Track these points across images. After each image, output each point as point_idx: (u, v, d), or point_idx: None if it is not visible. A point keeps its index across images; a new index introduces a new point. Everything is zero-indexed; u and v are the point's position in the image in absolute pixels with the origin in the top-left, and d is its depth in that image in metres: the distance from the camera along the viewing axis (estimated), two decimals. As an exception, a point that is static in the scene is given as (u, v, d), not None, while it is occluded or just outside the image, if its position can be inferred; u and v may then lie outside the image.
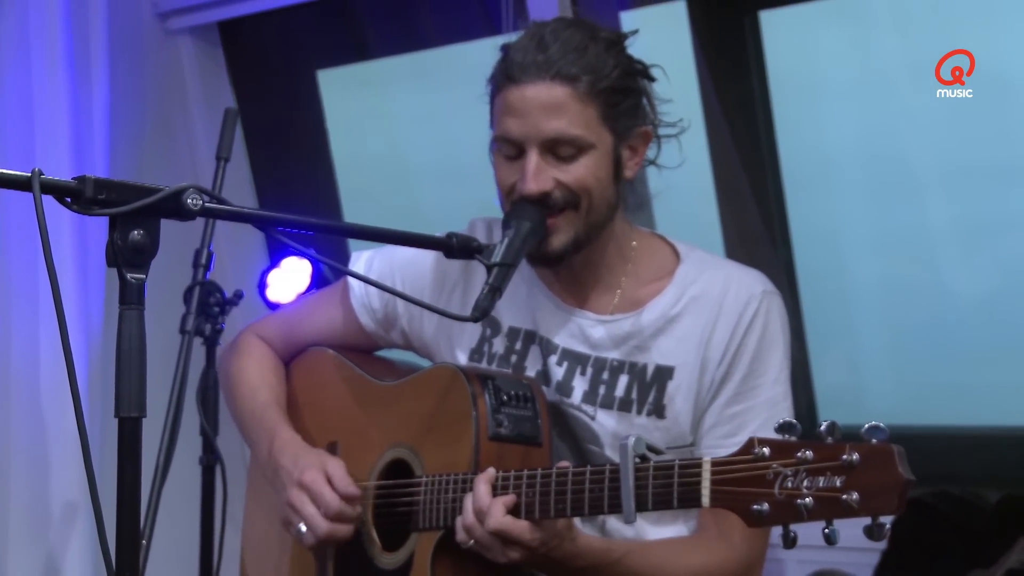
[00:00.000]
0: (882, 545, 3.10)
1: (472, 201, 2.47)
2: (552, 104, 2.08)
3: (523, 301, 2.28)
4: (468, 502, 1.98)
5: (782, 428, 1.72)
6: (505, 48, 2.16)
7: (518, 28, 2.21)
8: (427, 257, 2.34)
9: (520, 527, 1.93)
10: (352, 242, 3.89)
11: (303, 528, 2.17)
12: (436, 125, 4.03)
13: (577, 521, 2.09)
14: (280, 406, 2.41)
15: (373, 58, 4.11)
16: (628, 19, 3.41)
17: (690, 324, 2.18)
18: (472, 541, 1.98)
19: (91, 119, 3.64)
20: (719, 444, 2.12)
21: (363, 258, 2.42)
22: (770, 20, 3.44)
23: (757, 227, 3.54)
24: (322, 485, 2.17)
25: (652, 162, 2.22)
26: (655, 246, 2.29)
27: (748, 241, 3.51)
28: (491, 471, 1.99)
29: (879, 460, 1.65)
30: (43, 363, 3.50)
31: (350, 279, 2.41)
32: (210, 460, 3.23)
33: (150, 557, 2.84)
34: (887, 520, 1.65)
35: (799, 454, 1.69)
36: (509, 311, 2.28)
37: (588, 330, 2.22)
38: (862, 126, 3.49)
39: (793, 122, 3.49)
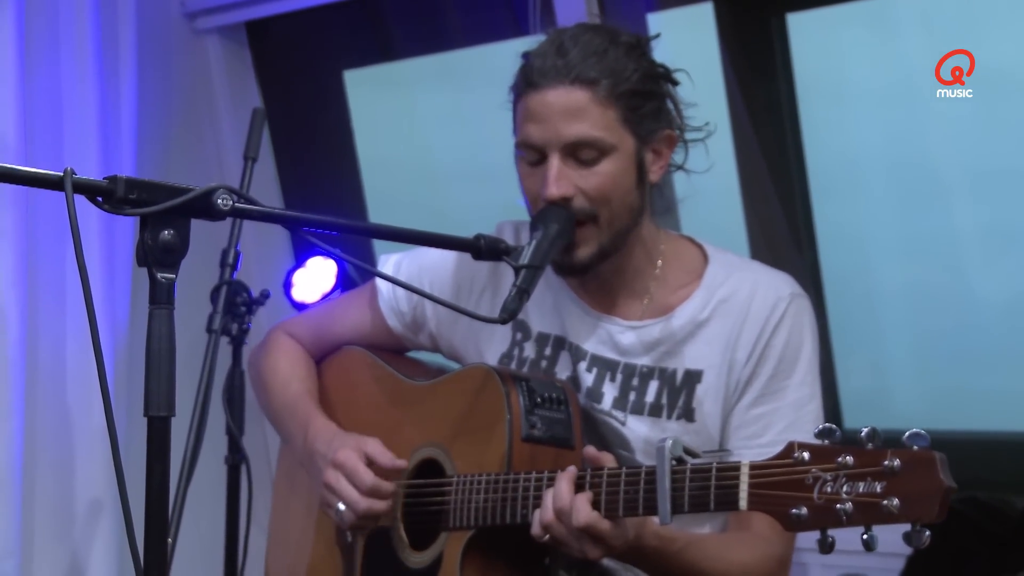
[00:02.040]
0: (908, 550, 3.10)
1: (498, 203, 2.47)
2: (572, 108, 2.09)
3: (551, 307, 2.28)
4: (548, 499, 1.96)
5: (822, 433, 1.71)
6: (526, 55, 2.16)
7: (545, 29, 2.21)
8: (455, 260, 2.34)
9: (605, 524, 1.91)
10: (378, 243, 3.89)
11: (341, 507, 2.18)
12: (462, 126, 4.03)
13: None
14: (313, 397, 2.42)
15: (399, 58, 4.11)
16: (655, 21, 3.41)
17: (718, 328, 2.17)
18: (547, 536, 1.97)
19: (119, 118, 3.65)
20: (744, 445, 2.12)
21: (391, 261, 2.42)
22: (797, 23, 3.43)
23: (783, 230, 3.53)
24: (355, 462, 2.18)
25: (680, 167, 2.22)
26: (683, 249, 2.28)
27: (774, 244, 3.51)
28: (573, 469, 1.97)
29: (921, 467, 1.64)
30: (70, 361, 3.51)
31: (378, 282, 2.42)
32: (236, 459, 3.23)
33: (175, 556, 2.85)
34: (926, 527, 1.64)
35: (840, 459, 1.68)
36: (538, 317, 2.28)
37: (617, 336, 2.22)
38: (889, 130, 3.48)
39: (819, 125, 3.48)
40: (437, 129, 4.18)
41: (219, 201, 1.64)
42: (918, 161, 3.44)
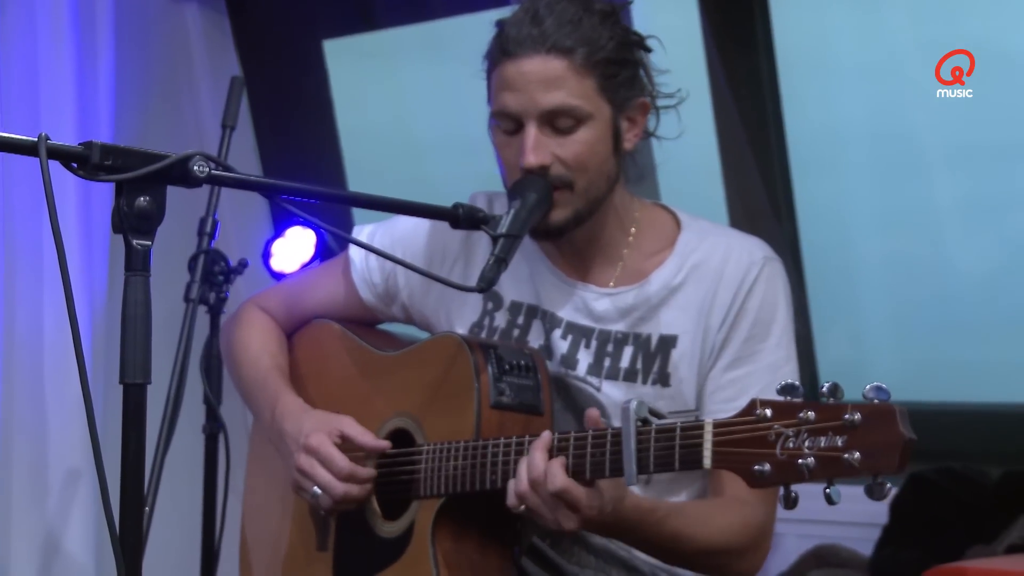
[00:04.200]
0: (883, 520, 3.12)
1: (479, 174, 2.47)
2: (549, 77, 2.08)
3: (525, 276, 2.28)
4: (523, 469, 1.95)
5: (784, 390, 1.72)
6: (500, 23, 2.15)
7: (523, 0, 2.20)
8: (428, 230, 2.34)
9: (580, 491, 1.90)
10: (357, 214, 3.89)
11: (318, 491, 2.18)
12: (443, 97, 4.02)
13: None
14: (282, 373, 2.41)
15: (380, 28, 4.09)
16: (636, -10, 3.40)
17: (692, 293, 2.18)
18: (523, 507, 1.96)
19: (96, 86, 3.63)
20: (721, 409, 2.12)
21: (365, 231, 2.42)
22: (779, -4, 3.43)
23: (762, 202, 3.54)
24: (329, 447, 2.17)
25: (651, 134, 2.22)
26: (657, 216, 2.28)
27: (753, 216, 3.51)
28: (547, 435, 1.96)
29: (881, 420, 1.65)
30: (47, 329, 3.50)
31: (351, 254, 2.41)
32: (213, 429, 3.24)
33: (153, 524, 2.85)
34: (887, 479, 1.65)
35: (801, 414, 1.69)
36: (511, 285, 2.28)
37: (592, 303, 2.22)
38: (869, 104, 3.48)
39: (800, 99, 3.49)
40: (417, 99, 4.16)
41: (195, 168, 1.64)
42: (898, 135, 3.45)
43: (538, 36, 2.08)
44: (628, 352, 2.19)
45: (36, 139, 1.55)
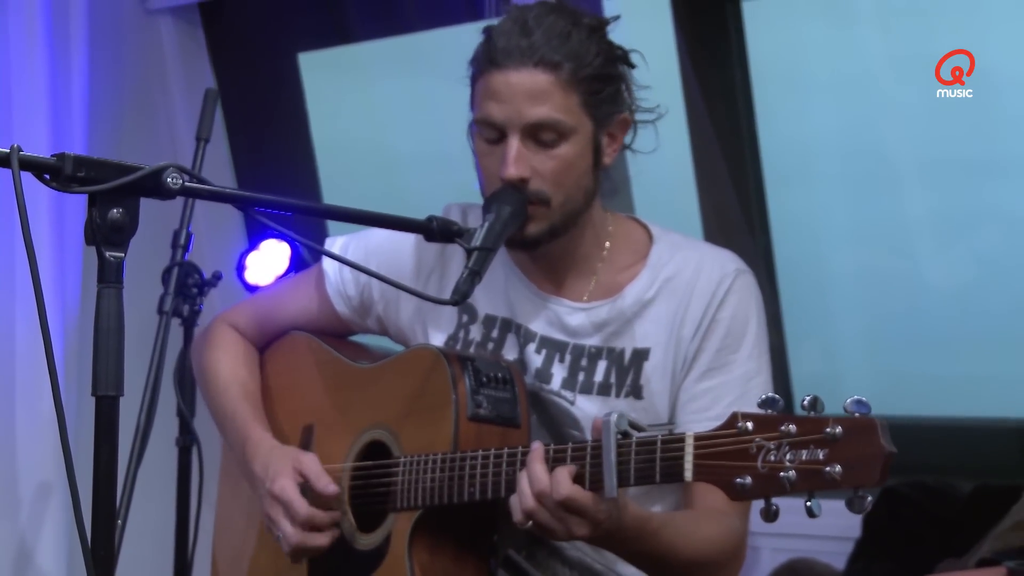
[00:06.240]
0: (857, 534, 3.13)
1: (454, 187, 2.47)
2: (535, 91, 2.08)
3: (500, 289, 2.28)
4: (525, 484, 1.92)
5: (765, 403, 1.72)
6: (488, 31, 2.15)
7: (501, 13, 2.20)
8: (403, 243, 2.34)
9: (587, 497, 1.89)
10: (332, 227, 3.88)
11: (280, 536, 2.18)
12: (418, 110, 4.02)
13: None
14: (252, 401, 2.39)
15: (355, 41, 4.10)
16: (611, 5, 3.41)
17: (664, 306, 2.18)
18: (530, 523, 1.93)
19: (70, 98, 3.62)
20: (694, 419, 2.12)
21: (338, 243, 2.40)
22: (752, 10, 3.44)
23: (736, 215, 3.55)
24: (291, 493, 2.16)
25: (627, 147, 2.23)
26: (630, 230, 2.29)
27: (727, 229, 3.53)
28: (539, 446, 1.95)
29: (862, 433, 1.65)
30: (19, 341, 3.48)
31: (325, 266, 2.40)
32: (187, 441, 3.23)
33: (125, 537, 2.84)
34: (868, 492, 1.66)
35: (782, 427, 1.69)
36: (485, 298, 2.28)
37: (565, 317, 2.23)
38: (842, 118, 3.50)
39: (774, 112, 3.50)
40: (392, 113, 4.17)
41: (169, 180, 1.63)
42: (871, 149, 3.47)
43: (527, 48, 2.08)
44: (602, 366, 2.19)
45: (8, 151, 1.55)
